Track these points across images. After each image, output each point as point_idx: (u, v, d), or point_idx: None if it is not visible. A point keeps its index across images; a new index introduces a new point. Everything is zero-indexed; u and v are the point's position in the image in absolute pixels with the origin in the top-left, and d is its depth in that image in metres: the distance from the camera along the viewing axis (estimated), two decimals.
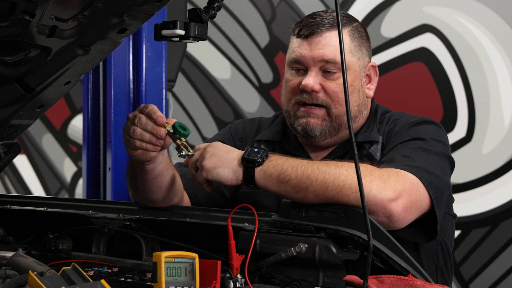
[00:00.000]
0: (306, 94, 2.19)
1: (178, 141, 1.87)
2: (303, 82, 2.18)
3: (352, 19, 2.27)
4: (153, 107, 1.90)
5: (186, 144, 1.88)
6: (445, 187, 2.03)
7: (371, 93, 2.28)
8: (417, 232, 2.00)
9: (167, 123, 1.88)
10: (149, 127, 1.88)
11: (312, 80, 2.17)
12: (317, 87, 2.17)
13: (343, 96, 2.16)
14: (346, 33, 2.21)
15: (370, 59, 2.29)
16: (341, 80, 2.17)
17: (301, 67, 2.21)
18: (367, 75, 2.27)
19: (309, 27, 2.20)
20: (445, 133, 2.22)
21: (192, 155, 1.89)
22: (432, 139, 2.11)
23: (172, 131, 1.87)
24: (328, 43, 2.17)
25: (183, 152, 1.86)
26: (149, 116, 1.88)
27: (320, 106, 2.19)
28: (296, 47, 2.22)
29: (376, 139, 2.23)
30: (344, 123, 2.21)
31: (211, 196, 2.32)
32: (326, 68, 2.18)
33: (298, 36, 2.22)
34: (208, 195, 2.31)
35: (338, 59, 2.15)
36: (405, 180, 1.88)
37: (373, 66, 2.29)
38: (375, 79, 2.30)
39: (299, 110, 2.21)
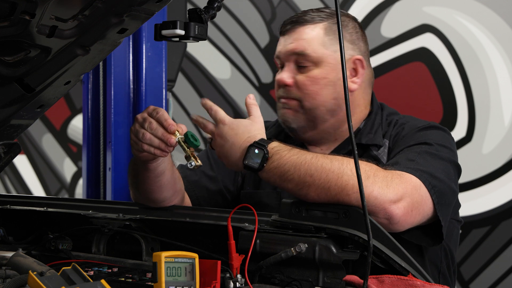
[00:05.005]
0: (282, 89, 2.26)
1: (188, 151, 1.88)
2: (276, 77, 2.28)
3: (332, 14, 2.28)
4: (164, 113, 1.89)
5: (195, 155, 1.89)
6: (450, 191, 2.00)
7: (354, 86, 2.27)
8: (423, 235, 1.98)
9: (177, 131, 1.88)
10: (159, 133, 1.87)
11: (284, 74, 2.25)
12: (289, 81, 2.24)
13: (313, 89, 2.22)
14: (320, 27, 2.24)
15: (356, 52, 2.28)
16: (312, 73, 2.22)
17: (281, 63, 2.29)
18: (353, 68, 2.27)
19: (285, 25, 2.29)
20: (452, 139, 2.20)
21: (201, 165, 1.90)
22: (438, 144, 2.10)
23: (183, 140, 1.87)
24: (298, 37, 2.23)
25: (193, 163, 1.87)
26: (160, 122, 1.87)
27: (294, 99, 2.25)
28: (277, 45, 2.31)
29: (379, 142, 2.22)
30: (319, 116, 2.24)
31: (213, 198, 2.33)
32: (299, 62, 2.24)
33: (280, 34, 2.32)
34: (210, 197, 2.32)
35: (309, 51, 2.21)
36: (408, 182, 1.87)
37: (359, 60, 2.27)
38: (362, 72, 2.28)
39: (279, 103, 2.29)
